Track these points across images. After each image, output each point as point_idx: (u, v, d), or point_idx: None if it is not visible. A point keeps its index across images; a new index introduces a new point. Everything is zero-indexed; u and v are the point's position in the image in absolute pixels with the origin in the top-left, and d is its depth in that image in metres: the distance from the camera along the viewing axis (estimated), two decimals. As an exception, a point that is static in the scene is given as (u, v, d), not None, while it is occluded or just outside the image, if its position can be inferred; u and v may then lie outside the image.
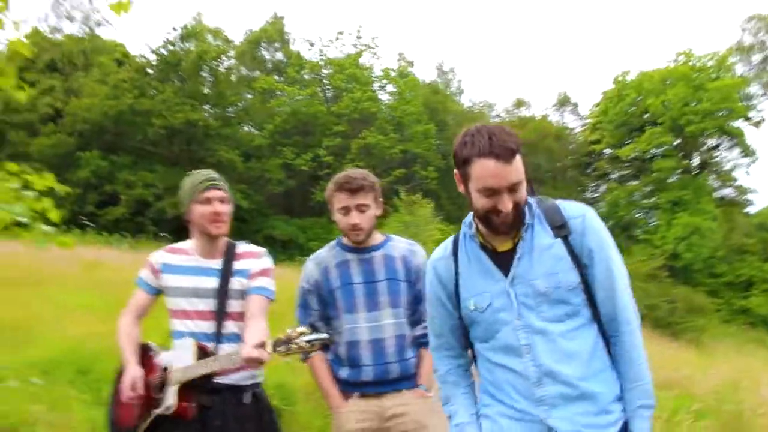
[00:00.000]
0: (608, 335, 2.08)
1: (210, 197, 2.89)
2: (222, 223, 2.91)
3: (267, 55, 46.23)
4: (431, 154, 40.76)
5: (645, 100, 42.77)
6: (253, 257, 2.99)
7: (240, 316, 2.90)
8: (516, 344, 2.05)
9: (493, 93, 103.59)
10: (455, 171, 2.09)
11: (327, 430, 3.50)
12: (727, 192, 44.69)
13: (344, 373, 3.03)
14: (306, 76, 43.98)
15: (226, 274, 2.92)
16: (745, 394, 8.81)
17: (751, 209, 46.58)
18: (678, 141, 42.10)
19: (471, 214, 2.16)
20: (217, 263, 2.95)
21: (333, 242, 3.18)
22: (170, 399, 2.73)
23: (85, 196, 32.33)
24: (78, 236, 19.45)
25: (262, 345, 2.49)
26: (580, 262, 2.05)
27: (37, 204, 3.11)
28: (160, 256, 3.04)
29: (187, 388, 2.74)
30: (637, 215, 43.63)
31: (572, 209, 2.13)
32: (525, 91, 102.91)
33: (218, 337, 2.86)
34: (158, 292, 3.05)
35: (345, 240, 3.10)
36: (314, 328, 2.49)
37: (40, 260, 11.18)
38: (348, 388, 3.02)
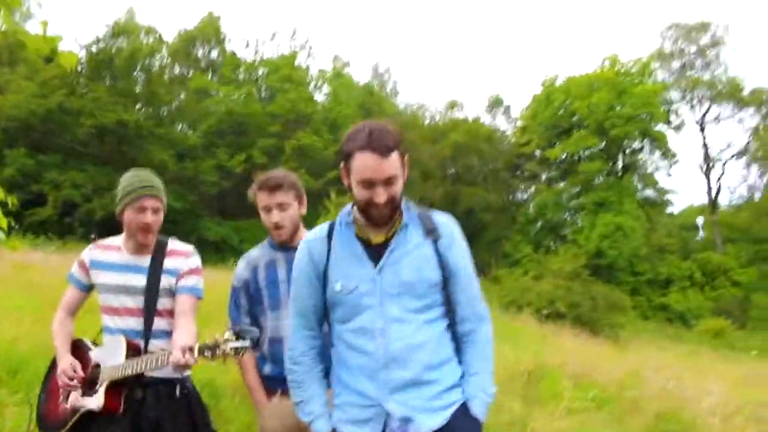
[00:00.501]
0: (462, 331, 2.32)
1: (144, 206, 2.89)
2: (150, 234, 2.93)
3: (201, 54, 45.74)
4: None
5: (572, 103, 44.13)
6: (182, 256, 3.00)
7: (169, 314, 2.93)
8: (371, 327, 2.21)
9: (427, 94, 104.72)
10: (341, 165, 2.25)
11: (253, 425, 3.55)
12: (649, 193, 46.43)
13: (267, 369, 3.07)
14: (241, 76, 43.76)
15: (155, 272, 2.94)
16: (644, 382, 9.59)
17: (671, 210, 48.78)
18: (603, 144, 43.64)
19: (351, 204, 2.32)
20: (146, 261, 2.97)
21: (265, 241, 3.20)
22: (99, 397, 2.76)
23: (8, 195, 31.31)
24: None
25: (190, 349, 2.49)
26: (443, 265, 2.26)
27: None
28: (90, 252, 3.05)
29: (117, 385, 2.77)
30: (564, 216, 44.94)
31: (442, 218, 2.36)
32: (458, 93, 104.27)
33: (147, 334, 2.89)
34: (89, 288, 3.07)
35: (273, 239, 3.12)
36: (238, 336, 2.45)
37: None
38: (271, 383, 3.03)
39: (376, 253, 2.26)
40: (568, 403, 7.84)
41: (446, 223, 2.35)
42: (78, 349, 3.00)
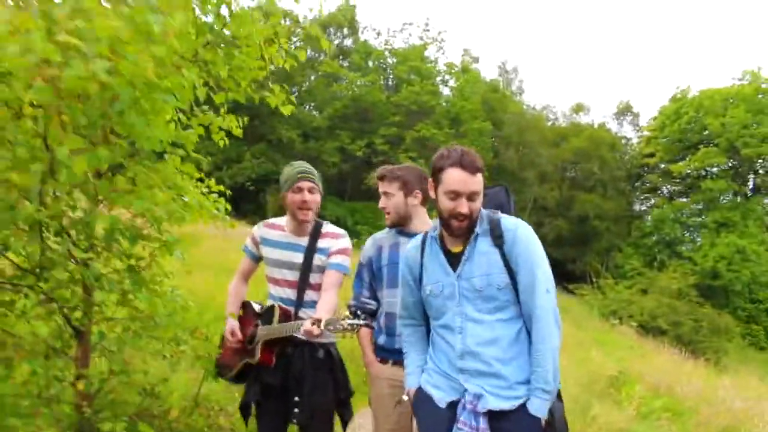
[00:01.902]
0: (528, 326, 2.55)
1: (301, 187, 3.33)
2: (308, 211, 3.35)
3: (335, 40, 47.38)
4: (484, 152, 41.40)
5: (704, 118, 42.57)
6: (334, 237, 3.42)
7: (318, 287, 3.34)
8: (453, 325, 2.59)
9: (553, 95, 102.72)
10: (430, 179, 2.63)
11: (364, 389, 3.79)
12: (779, 218, 44.05)
13: (381, 339, 3.32)
14: (370, 64, 45.04)
15: (310, 251, 3.38)
16: (721, 401, 9.79)
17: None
18: (733, 162, 41.89)
19: (437, 219, 2.65)
20: (304, 241, 3.41)
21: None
22: (256, 352, 3.31)
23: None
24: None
25: (318, 322, 2.87)
26: (510, 267, 2.52)
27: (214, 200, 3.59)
28: (260, 230, 3.54)
29: (271, 343, 3.30)
30: (682, 233, 43.54)
31: (508, 223, 2.58)
32: (586, 96, 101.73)
33: (299, 303, 3.36)
34: (259, 258, 3.57)
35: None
36: (355, 314, 2.88)
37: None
38: (384, 354, 3.32)
39: (456, 261, 2.60)
40: (638, 406, 8.32)
41: (511, 227, 2.57)
42: (247, 309, 3.58)
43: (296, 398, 3.27)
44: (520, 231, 2.55)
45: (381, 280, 3.33)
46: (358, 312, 2.89)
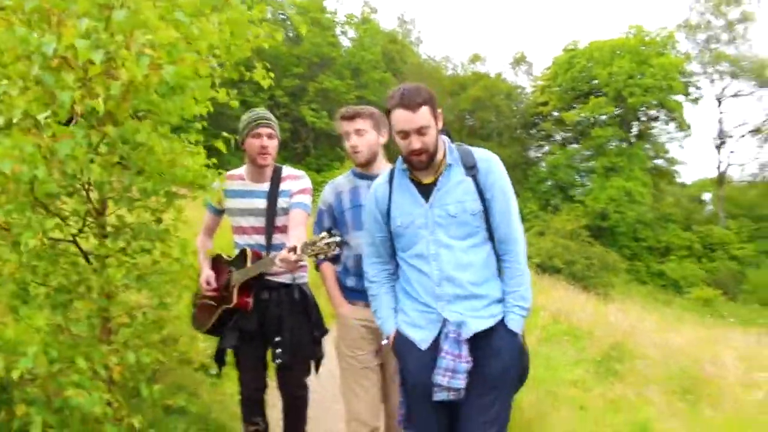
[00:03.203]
0: (499, 252, 2.65)
1: (260, 133, 3.36)
2: (267, 155, 3.39)
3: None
4: (385, 102, 41.78)
5: (593, 69, 44.64)
6: (294, 179, 3.46)
7: (285, 229, 3.37)
8: (426, 253, 2.61)
9: (451, 46, 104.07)
10: (388, 122, 2.66)
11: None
12: (660, 163, 47.23)
13: (351, 281, 3.26)
14: (270, 16, 44.30)
15: (273, 195, 3.40)
16: (617, 327, 11.02)
17: (683, 181, 49.28)
18: (619, 110, 44.37)
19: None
20: (265, 186, 3.43)
21: (349, 170, 3.42)
22: (233, 297, 3.33)
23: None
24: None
25: (293, 249, 2.88)
26: (483, 195, 2.59)
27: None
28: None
29: (247, 287, 3.34)
30: (575, 177, 45.91)
31: (481, 154, 2.68)
32: (483, 47, 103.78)
33: (268, 247, 3.38)
34: (221, 212, 3.59)
35: (357, 168, 3.33)
36: (330, 233, 2.84)
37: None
38: (354, 295, 3.24)
39: (427, 191, 2.65)
40: (542, 332, 9.30)
41: (484, 158, 2.67)
42: (218, 262, 3.58)
43: (277, 339, 3.33)
44: (494, 162, 2.66)
45: (345, 224, 3.28)
46: (333, 231, 2.87)
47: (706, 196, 49.56)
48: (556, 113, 47.28)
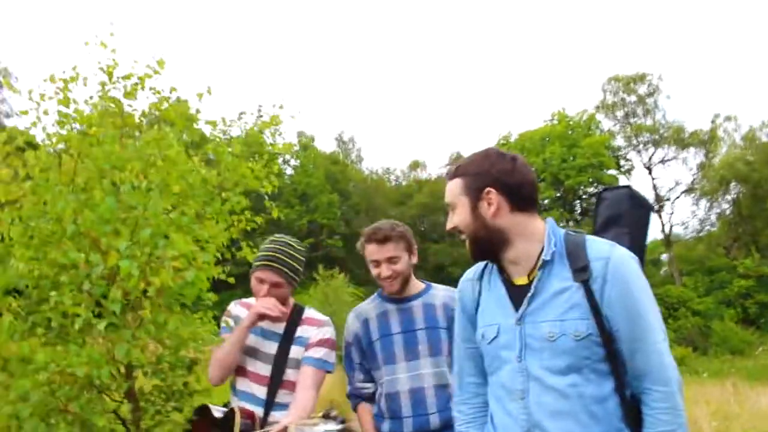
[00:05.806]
0: (636, 392, 1.85)
1: (262, 278, 2.83)
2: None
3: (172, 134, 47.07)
4: (335, 223, 42.97)
5: (528, 158, 46.51)
6: (314, 325, 2.90)
7: (294, 386, 2.80)
8: (513, 387, 1.91)
9: (391, 157, 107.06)
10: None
11: None
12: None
13: (386, 426, 2.90)
14: (211, 156, 45.36)
15: (286, 340, 2.84)
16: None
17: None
18: (559, 193, 46.43)
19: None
20: (280, 327, 2.88)
21: (375, 294, 3.07)
22: None
23: None
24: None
25: (284, 430, 2.46)
26: (599, 311, 1.82)
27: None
28: (235, 308, 3.00)
29: None
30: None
31: (597, 249, 1.88)
32: (421, 153, 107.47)
33: (269, 404, 2.79)
34: None
35: (384, 291, 2.99)
36: (327, 417, 2.47)
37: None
38: None
39: (519, 296, 1.94)
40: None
41: (601, 255, 1.87)
42: (204, 414, 2.77)
43: None
44: (614, 262, 1.85)
45: (375, 357, 2.92)
46: (331, 413, 2.50)
47: (664, 257, 51.05)
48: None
